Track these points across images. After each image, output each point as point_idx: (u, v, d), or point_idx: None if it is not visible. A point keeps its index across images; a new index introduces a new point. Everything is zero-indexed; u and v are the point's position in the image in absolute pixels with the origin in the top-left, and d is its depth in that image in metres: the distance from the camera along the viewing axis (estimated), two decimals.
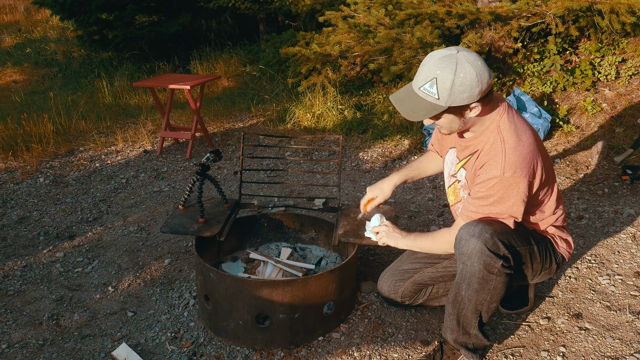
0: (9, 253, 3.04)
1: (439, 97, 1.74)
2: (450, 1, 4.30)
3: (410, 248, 2.13)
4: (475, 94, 1.75)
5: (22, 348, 2.26)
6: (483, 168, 1.85)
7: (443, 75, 1.72)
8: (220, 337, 2.25)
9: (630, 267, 2.65)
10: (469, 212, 1.89)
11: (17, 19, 11.57)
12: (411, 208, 3.43)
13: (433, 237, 2.06)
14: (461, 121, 1.85)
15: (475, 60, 1.74)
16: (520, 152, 1.80)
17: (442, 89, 1.73)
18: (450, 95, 1.73)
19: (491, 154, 1.83)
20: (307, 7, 5.68)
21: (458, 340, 1.99)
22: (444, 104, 1.75)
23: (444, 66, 1.73)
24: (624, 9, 3.79)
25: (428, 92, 1.76)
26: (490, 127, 1.88)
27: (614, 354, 2.09)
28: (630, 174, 3.53)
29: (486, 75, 1.75)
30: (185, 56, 7.68)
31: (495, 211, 1.84)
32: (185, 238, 3.12)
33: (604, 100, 4.38)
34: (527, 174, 1.80)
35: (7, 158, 4.48)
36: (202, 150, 4.72)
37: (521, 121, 1.90)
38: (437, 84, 1.73)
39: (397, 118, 4.87)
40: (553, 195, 2.00)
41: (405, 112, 1.81)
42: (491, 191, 1.81)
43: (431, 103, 1.76)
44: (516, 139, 1.82)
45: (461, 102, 1.75)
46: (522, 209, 1.84)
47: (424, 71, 1.77)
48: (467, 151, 1.96)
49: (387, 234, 2.17)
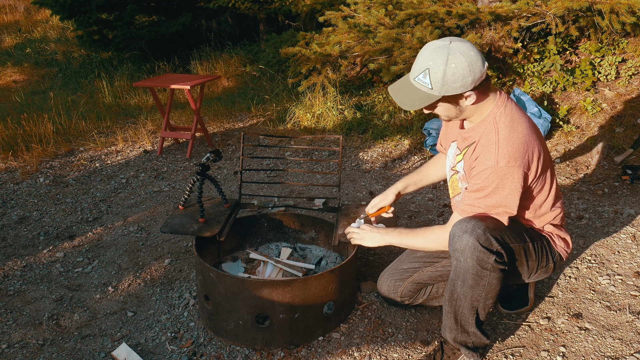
0: (9, 253, 3.05)
1: (432, 87, 1.79)
2: (450, 1, 4.30)
3: (396, 245, 2.13)
4: (468, 83, 1.78)
5: (22, 348, 2.26)
6: (478, 159, 1.87)
7: (435, 65, 1.77)
8: (220, 337, 2.25)
9: (630, 267, 2.65)
10: (465, 205, 1.90)
11: (17, 19, 11.57)
12: (411, 208, 3.43)
13: (424, 234, 2.06)
14: (457, 109, 1.89)
15: (468, 50, 1.77)
16: (513, 142, 1.82)
17: (434, 79, 1.78)
18: (442, 85, 1.78)
19: (485, 145, 1.86)
20: (307, 7, 5.68)
21: (457, 339, 1.99)
22: (437, 94, 1.80)
23: (436, 57, 1.77)
24: (624, 9, 3.79)
25: (422, 83, 1.81)
26: (487, 119, 1.90)
27: (614, 354, 2.09)
28: (630, 174, 3.53)
29: (479, 64, 1.78)
30: (185, 56, 7.68)
31: (490, 203, 1.84)
32: (185, 238, 3.12)
33: (604, 100, 4.38)
34: (521, 164, 1.81)
35: (7, 158, 4.48)
36: (202, 150, 4.73)
37: (519, 113, 1.91)
38: (430, 74, 1.78)
39: (397, 118, 4.87)
40: (552, 192, 2.00)
41: (401, 101, 1.86)
42: (486, 182, 1.83)
43: (425, 93, 1.82)
44: (510, 130, 1.84)
45: (454, 92, 1.79)
46: (517, 200, 1.83)
47: (419, 62, 1.83)
48: (466, 142, 1.98)
49: (360, 236, 2.19)
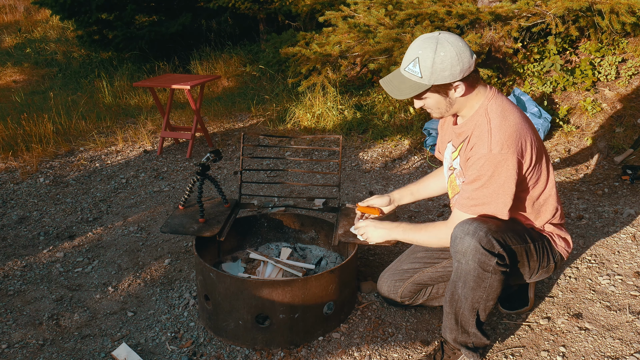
0: (9, 253, 3.05)
1: (422, 75, 1.83)
2: (450, 1, 4.30)
3: (401, 240, 2.14)
4: (457, 73, 1.81)
5: (22, 348, 2.26)
6: (472, 150, 1.88)
7: (424, 54, 1.81)
8: (220, 337, 2.25)
9: (630, 267, 2.65)
10: (463, 199, 1.91)
11: (17, 19, 11.57)
12: (411, 208, 3.43)
13: (427, 230, 2.07)
14: (447, 101, 1.91)
15: (456, 40, 1.82)
16: (505, 130, 1.83)
17: (424, 67, 1.81)
18: (432, 74, 1.81)
19: (478, 135, 1.87)
20: (307, 7, 5.68)
21: (458, 340, 1.99)
22: (427, 82, 1.83)
23: (425, 46, 1.82)
24: (624, 9, 3.79)
25: (412, 72, 1.85)
26: (479, 111, 1.92)
27: (614, 354, 2.09)
28: (630, 174, 3.53)
29: (467, 54, 1.82)
30: (185, 56, 7.68)
31: (487, 193, 1.84)
32: (185, 238, 3.12)
33: (604, 100, 4.37)
34: (515, 151, 1.82)
35: (7, 158, 4.48)
36: (202, 150, 4.73)
37: (509, 104, 1.93)
38: (420, 63, 1.82)
39: (397, 118, 4.87)
40: (549, 185, 1.99)
41: (391, 91, 1.90)
42: (481, 171, 1.83)
43: (415, 82, 1.85)
44: (501, 118, 1.86)
45: (443, 80, 1.82)
46: (513, 188, 1.83)
47: (409, 53, 1.87)
48: (460, 138, 1.99)
49: (373, 233, 2.20)
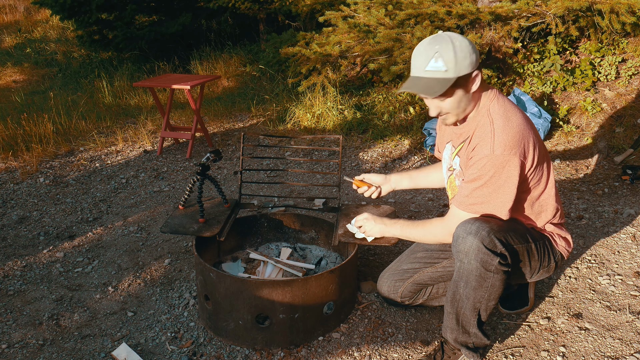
0: (9, 253, 3.05)
1: (447, 67, 1.80)
2: (450, 1, 4.30)
3: (398, 236, 2.16)
4: (475, 61, 1.83)
5: (22, 348, 2.26)
6: (475, 150, 1.87)
7: (443, 47, 1.80)
8: (220, 337, 2.25)
9: (630, 267, 2.65)
10: (462, 197, 1.90)
11: (17, 19, 11.58)
12: (411, 208, 3.43)
13: (424, 226, 2.08)
14: (467, 98, 1.88)
15: (460, 34, 1.86)
16: (508, 131, 1.83)
17: (447, 59, 1.79)
18: (456, 64, 1.79)
19: (481, 136, 1.87)
20: (307, 7, 5.68)
21: (458, 340, 1.99)
22: (453, 74, 1.80)
23: (439, 41, 1.81)
24: (624, 9, 3.79)
25: (435, 68, 1.81)
26: (480, 111, 1.92)
27: (614, 354, 2.09)
28: (630, 174, 3.53)
29: (473, 45, 1.86)
30: (185, 56, 7.68)
31: (486, 192, 1.84)
32: (185, 238, 3.12)
33: (604, 100, 4.38)
34: (517, 153, 1.81)
35: (7, 158, 4.48)
36: (202, 150, 4.73)
37: (512, 105, 1.93)
38: (442, 56, 1.80)
39: (397, 118, 4.87)
40: (549, 185, 1.99)
41: (422, 91, 1.84)
42: (482, 171, 1.82)
43: (442, 78, 1.81)
44: (504, 120, 1.85)
45: (466, 70, 1.81)
46: (514, 189, 1.83)
47: (422, 55, 1.84)
48: (461, 138, 1.99)
49: (371, 227, 2.21)
